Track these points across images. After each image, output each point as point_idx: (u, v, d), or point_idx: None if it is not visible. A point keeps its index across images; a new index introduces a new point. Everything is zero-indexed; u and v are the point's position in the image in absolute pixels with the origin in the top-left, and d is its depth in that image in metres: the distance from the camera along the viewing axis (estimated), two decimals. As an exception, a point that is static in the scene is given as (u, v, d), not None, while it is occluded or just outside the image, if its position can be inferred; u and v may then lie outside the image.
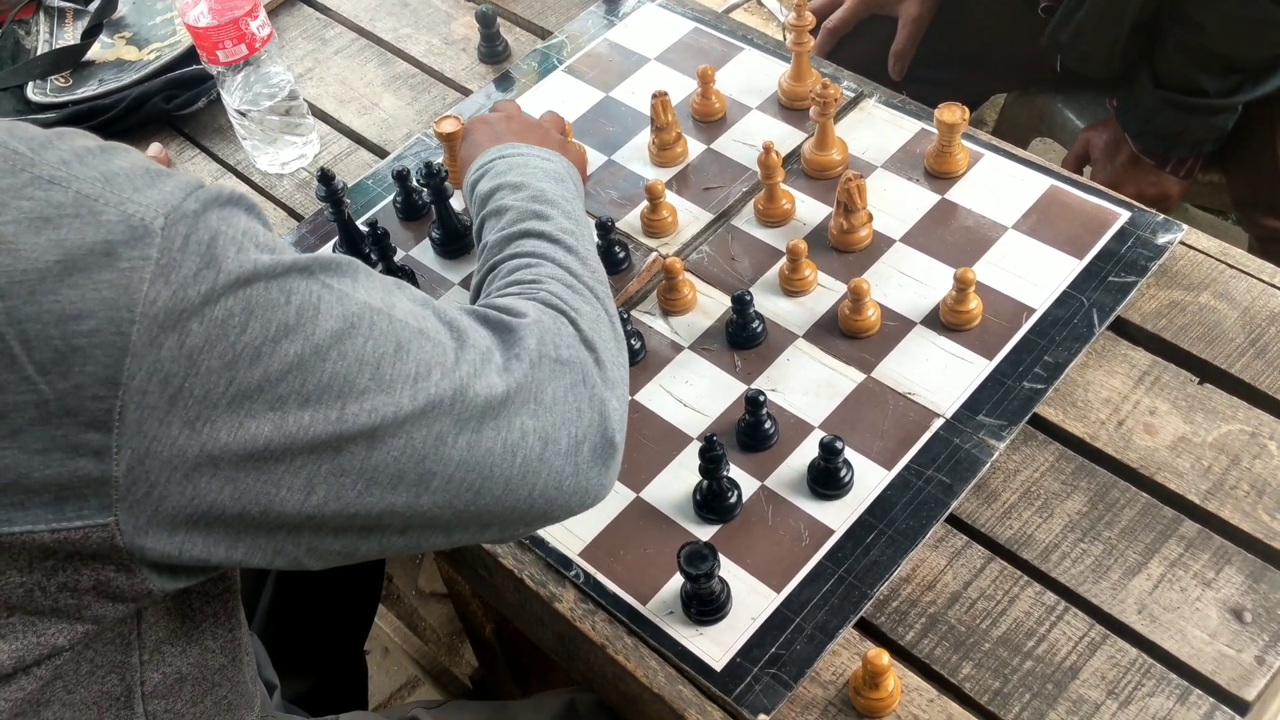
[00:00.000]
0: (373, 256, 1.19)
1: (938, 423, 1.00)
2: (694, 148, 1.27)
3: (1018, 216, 1.14)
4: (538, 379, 0.74)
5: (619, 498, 1.00)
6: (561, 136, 1.09)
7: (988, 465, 0.97)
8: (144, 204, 0.59)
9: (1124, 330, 1.06)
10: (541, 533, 0.98)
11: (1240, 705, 0.84)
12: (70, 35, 1.50)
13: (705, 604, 0.91)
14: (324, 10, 1.55)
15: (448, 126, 1.22)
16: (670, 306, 1.12)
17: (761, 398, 0.98)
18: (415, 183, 1.24)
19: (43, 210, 0.57)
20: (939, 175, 1.19)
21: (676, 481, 1.00)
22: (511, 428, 0.71)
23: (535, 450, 0.72)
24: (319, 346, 0.64)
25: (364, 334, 0.66)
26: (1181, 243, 1.10)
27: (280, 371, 0.62)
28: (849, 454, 0.98)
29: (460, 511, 0.71)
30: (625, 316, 1.07)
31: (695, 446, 1.01)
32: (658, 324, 1.12)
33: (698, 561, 0.87)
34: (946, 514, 0.95)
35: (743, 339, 1.08)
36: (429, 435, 0.68)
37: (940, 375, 1.03)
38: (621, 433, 0.79)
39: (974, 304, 1.05)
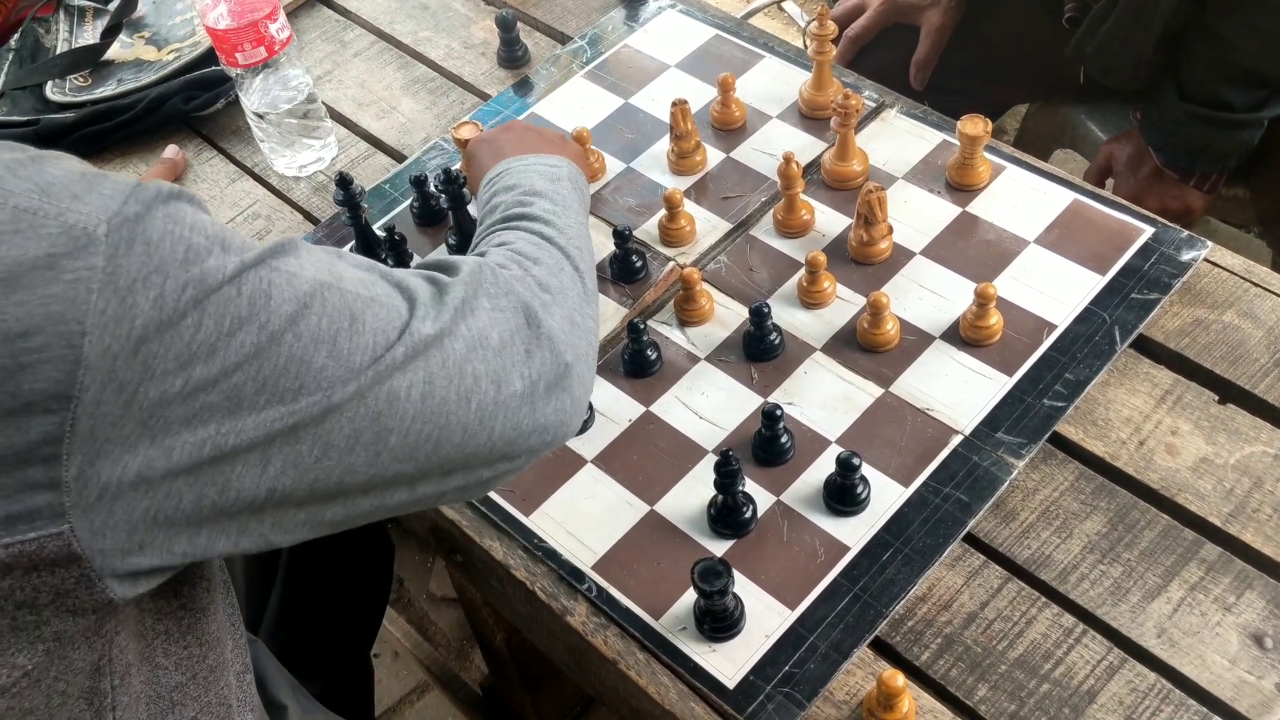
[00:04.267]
0: (389, 262, 1.18)
1: (956, 439, 0.99)
2: (713, 156, 1.26)
3: (1040, 231, 1.13)
4: (481, 326, 0.74)
5: (632, 510, 0.99)
6: (562, 136, 1.11)
7: (1006, 484, 0.96)
8: (84, 212, 0.58)
9: (1146, 348, 1.04)
10: (554, 545, 0.97)
11: (1260, 733, 0.83)
12: (90, 34, 1.50)
13: (718, 620, 0.90)
14: (344, 12, 1.54)
15: (466, 132, 1.21)
16: (687, 317, 1.11)
17: (778, 412, 0.97)
18: (433, 188, 1.23)
19: None
20: (960, 187, 1.18)
21: (691, 495, 0.99)
22: (464, 375, 0.72)
23: (489, 394, 0.73)
24: (275, 333, 0.63)
25: (317, 311, 0.66)
26: (1206, 259, 1.09)
27: (236, 363, 0.61)
28: (866, 470, 0.97)
29: (421, 464, 0.71)
30: (642, 326, 1.06)
31: (710, 460, 1.00)
32: (674, 334, 1.11)
33: (712, 578, 0.86)
34: (964, 532, 0.94)
35: (760, 351, 1.07)
36: (383, 395, 0.68)
37: (959, 391, 1.02)
38: (581, 357, 0.80)
39: (994, 319, 1.04)
